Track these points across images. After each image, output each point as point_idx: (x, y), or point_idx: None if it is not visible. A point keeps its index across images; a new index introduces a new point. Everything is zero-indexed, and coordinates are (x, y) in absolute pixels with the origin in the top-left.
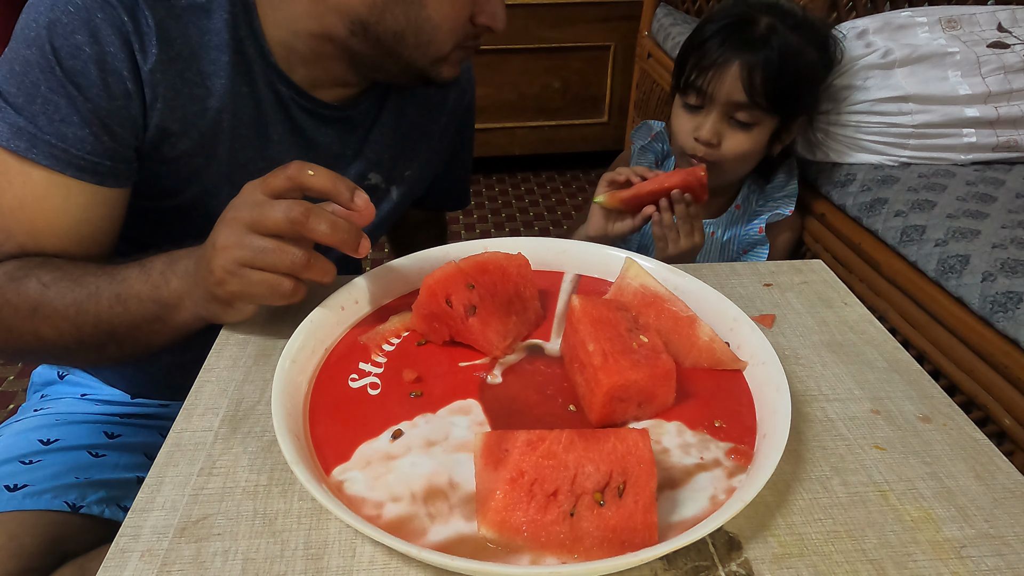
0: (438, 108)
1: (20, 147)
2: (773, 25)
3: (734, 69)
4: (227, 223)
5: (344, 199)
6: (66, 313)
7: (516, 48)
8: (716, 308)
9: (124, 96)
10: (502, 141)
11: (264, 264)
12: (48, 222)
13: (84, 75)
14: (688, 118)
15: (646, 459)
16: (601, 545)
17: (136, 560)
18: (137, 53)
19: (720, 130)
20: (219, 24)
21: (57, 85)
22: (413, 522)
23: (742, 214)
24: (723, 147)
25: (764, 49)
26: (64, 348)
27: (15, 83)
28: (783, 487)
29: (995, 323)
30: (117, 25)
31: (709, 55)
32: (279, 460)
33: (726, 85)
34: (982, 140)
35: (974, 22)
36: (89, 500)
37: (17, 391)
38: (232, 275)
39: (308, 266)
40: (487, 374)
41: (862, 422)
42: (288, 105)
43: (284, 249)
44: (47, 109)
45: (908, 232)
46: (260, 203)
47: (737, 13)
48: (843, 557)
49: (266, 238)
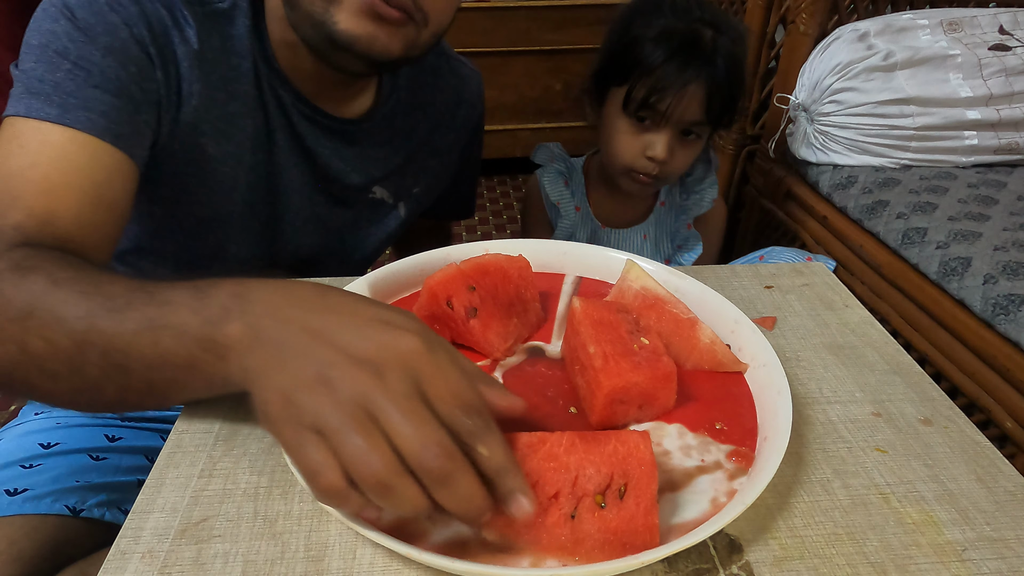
0: (448, 124)
1: (40, 111)
2: (715, 39)
3: (694, 90)
4: (361, 375)
5: (503, 492)
6: (72, 327)
7: (518, 50)
8: (717, 310)
9: (154, 81)
10: (504, 143)
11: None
12: (66, 179)
13: (119, 51)
14: (636, 137)
15: (647, 461)
16: (602, 547)
17: (136, 562)
18: (178, 45)
19: (672, 147)
20: (242, 30)
21: (87, 53)
22: (414, 524)
23: (668, 210)
24: (672, 162)
25: (714, 65)
26: (46, 373)
27: (34, 57)
28: (784, 490)
29: (997, 326)
30: (155, 13)
31: (668, 78)
32: (280, 462)
33: (688, 107)
34: (983, 142)
35: (975, 25)
36: (90, 503)
37: None
38: (315, 431)
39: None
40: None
41: (863, 424)
42: (290, 112)
43: (405, 484)
44: (74, 76)
45: (909, 234)
46: (415, 411)
47: (681, 29)
48: (844, 560)
49: (386, 447)
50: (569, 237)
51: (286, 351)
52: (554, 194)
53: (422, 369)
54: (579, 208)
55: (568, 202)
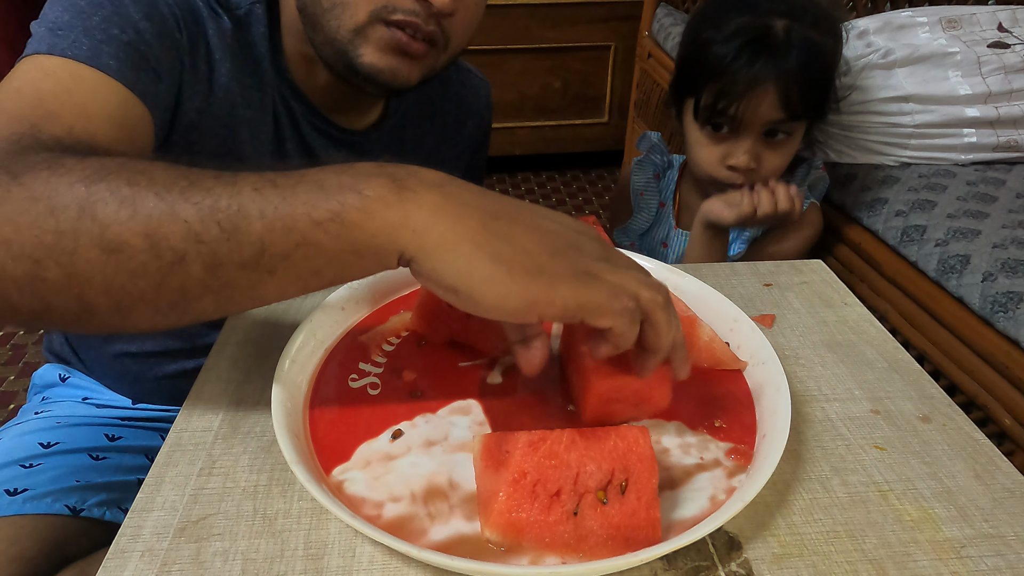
0: (456, 136)
1: (68, 50)
2: (789, 27)
3: (768, 89)
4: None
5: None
6: (175, 184)
7: (516, 48)
8: (716, 308)
9: (180, 62)
10: (502, 141)
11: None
12: (104, 111)
13: (157, 20)
14: (714, 147)
15: (647, 456)
16: (605, 543)
17: (136, 560)
18: (212, 35)
19: (756, 151)
20: (257, 37)
21: (123, 9)
22: (413, 522)
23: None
24: (762, 168)
25: (789, 57)
26: (124, 259)
27: (62, 7)
28: (783, 487)
29: (995, 323)
30: (188, 2)
31: (737, 80)
32: (279, 460)
33: (762, 108)
34: (982, 140)
35: (974, 22)
36: (90, 503)
37: (18, 391)
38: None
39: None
40: (487, 374)
41: (862, 422)
42: (299, 123)
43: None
44: (106, 26)
45: (908, 232)
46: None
47: (749, 25)
48: (843, 557)
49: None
50: (643, 231)
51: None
52: (639, 184)
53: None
54: (663, 204)
55: (653, 195)
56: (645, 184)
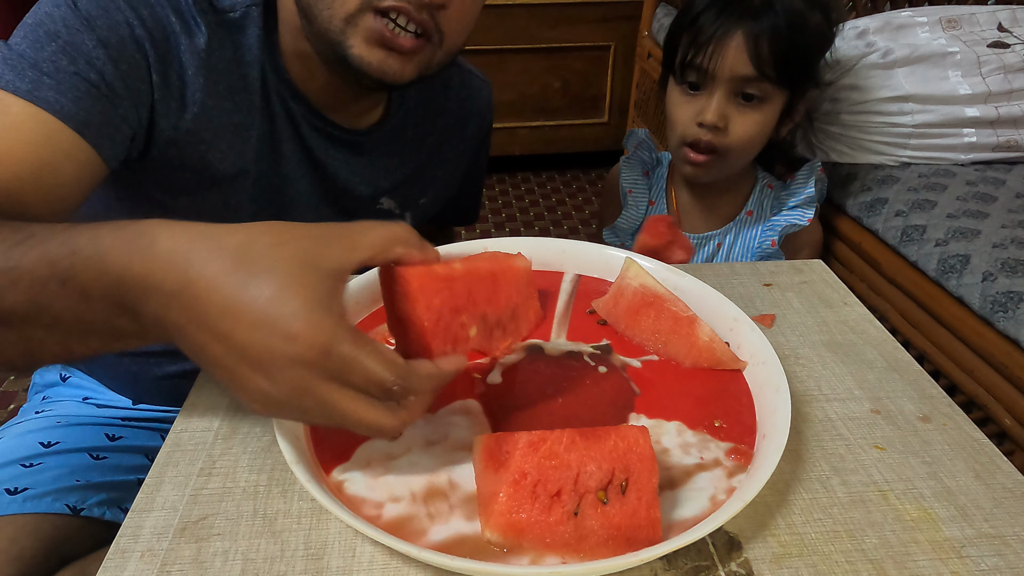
0: (457, 136)
1: (10, 83)
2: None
3: (737, 39)
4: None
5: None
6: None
7: (516, 48)
8: (716, 308)
9: (147, 83)
10: (502, 141)
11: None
12: (11, 150)
13: (113, 46)
14: (687, 103)
15: (647, 455)
16: (606, 543)
17: (136, 560)
18: (184, 51)
19: (726, 111)
20: (252, 40)
21: (78, 40)
22: (413, 522)
23: (753, 221)
24: (730, 131)
25: (768, 15)
26: None
27: (23, 34)
28: (783, 487)
29: (995, 323)
30: (162, 17)
31: (705, 29)
32: (279, 460)
33: (729, 58)
34: (982, 140)
35: (974, 22)
36: (90, 503)
37: (17, 391)
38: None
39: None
40: (487, 374)
41: (862, 422)
42: (299, 123)
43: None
44: (57, 59)
45: (908, 232)
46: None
47: None
48: (843, 557)
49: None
50: (633, 230)
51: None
52: (627, 182)
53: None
54: (653, 203)
55: (642, 193)
56: (634, 182)
